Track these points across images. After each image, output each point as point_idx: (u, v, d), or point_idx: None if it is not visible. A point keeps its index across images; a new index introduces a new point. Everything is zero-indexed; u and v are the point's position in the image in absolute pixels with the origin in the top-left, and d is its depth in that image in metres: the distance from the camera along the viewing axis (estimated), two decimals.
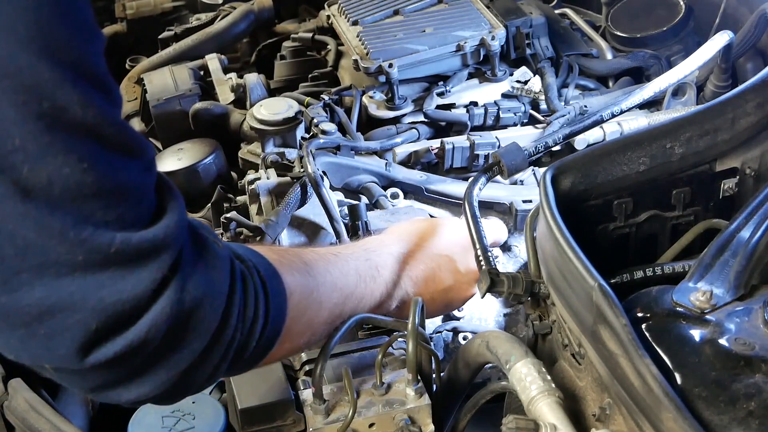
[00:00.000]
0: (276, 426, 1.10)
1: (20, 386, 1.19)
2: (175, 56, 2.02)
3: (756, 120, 1.15)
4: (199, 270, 0.82)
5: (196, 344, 0.82)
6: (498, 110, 1.68)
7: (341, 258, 1.12)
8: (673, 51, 1.82)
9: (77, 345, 0.75)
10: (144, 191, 0.78)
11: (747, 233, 0.98)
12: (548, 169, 1.06)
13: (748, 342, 0.86)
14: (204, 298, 0.82)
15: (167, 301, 0.78)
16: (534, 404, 0.95)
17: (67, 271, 0.72)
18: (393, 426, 1.08)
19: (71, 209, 0.71)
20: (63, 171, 0.70)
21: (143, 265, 0.76)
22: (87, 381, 0.80)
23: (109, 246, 0.73)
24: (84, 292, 0.73)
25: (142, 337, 0.77)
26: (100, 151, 0.73)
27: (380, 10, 1.81)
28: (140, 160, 0.77)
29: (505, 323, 1.46)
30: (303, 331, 1.02)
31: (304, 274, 1.03)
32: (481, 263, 1.09)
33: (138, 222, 0.76)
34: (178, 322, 0.79)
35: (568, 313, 0.95)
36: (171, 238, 0.78)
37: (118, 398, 0.83)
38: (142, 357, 0.79)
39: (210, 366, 0.86)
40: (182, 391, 0.87)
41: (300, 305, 0.99)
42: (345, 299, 1.09)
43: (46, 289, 0.72)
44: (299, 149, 1.59)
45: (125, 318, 0.76)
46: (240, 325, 0.87)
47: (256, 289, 0.90)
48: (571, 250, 0.92)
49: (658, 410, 0.78)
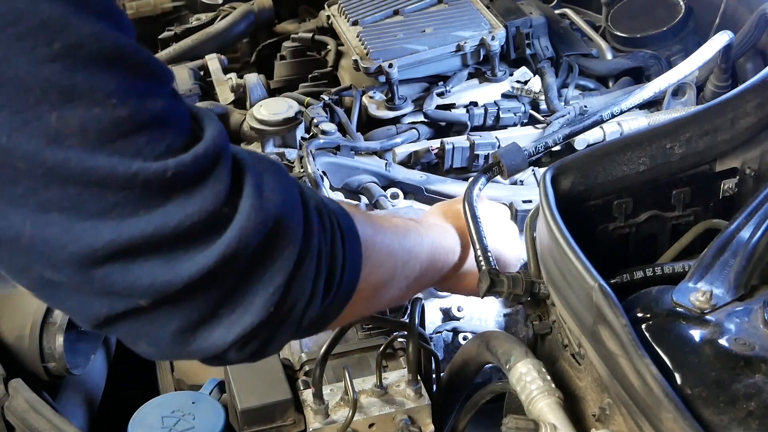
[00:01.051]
0: (276, 426, 1.10)
1: (21, 386, 1.19)
2: (175, 56, 2.02)
3: (756, 120, 1.15)
4: (268, 175, 0.78)
5: (288, 251, 0.78)
6: (498, 110, 1.68)
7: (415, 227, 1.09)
8: (673, 51, 1.82)
9: (168, 269, 0.70)
10: (182, 115, 0.73)
11: (747, 233, 0.98)
12: (548, 169, 1.06)
13: (748, 342, 0.86)
14: (284, 201, 0.78)
15: (248, 206, 0.74)
16: (534, 404, 0.95)
17: (130, 210, 0.68)
18: (393, 426, 1.08)
19: (113, 150, 0.67)
20: (93, 112, 0.66)
21: (206, 180, 0.72)
22: (185, 311, 0.74)
23: (164, 172, 0.69)
24: (155, 226, 0.69)
25: (234, 246, 0.72)
26: (127, 82, 0.68)
27: (380, 10, 1.81)
28: (168, 85, 0.73)
29: (505, 323, 1.46)
30: (382, 265, 0.97)
31: (373, 224, 0.99)
32: (481, 263, 1.09)
33: (187, 146, 0.72)
34: (265, 227, 0.75)
35: (568, 313, 0.95)
36: (221, 146, 0.74)
37: (222, 339, 0.76)
38: (237, 271, 0.74)
39: (307, 282, 0.80)
40: (284, 323, 0.80)
41: (373, 247, 0.95)
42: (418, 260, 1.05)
43: (113, 231, 0.68)
44: (299, 149, 1.59)
45: (208, 234, 0.72)
46: (322, 235, 0.82)
47: (329, 210, 0.86)
48: (571, 251, 0.92)
49: (658, 410, 0.78)
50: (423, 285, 1.13)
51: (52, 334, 1.24)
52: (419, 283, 1.09)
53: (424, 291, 1.43)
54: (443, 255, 1.12)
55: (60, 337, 1.24)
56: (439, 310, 1.44)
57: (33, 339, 1.24)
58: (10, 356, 1.25)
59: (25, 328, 1.25)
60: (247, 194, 0.75)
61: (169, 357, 0.77)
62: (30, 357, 1.25)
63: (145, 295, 0.72)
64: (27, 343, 1.24)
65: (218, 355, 0.78)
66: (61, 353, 1.24)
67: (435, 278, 1.13)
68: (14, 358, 1.25)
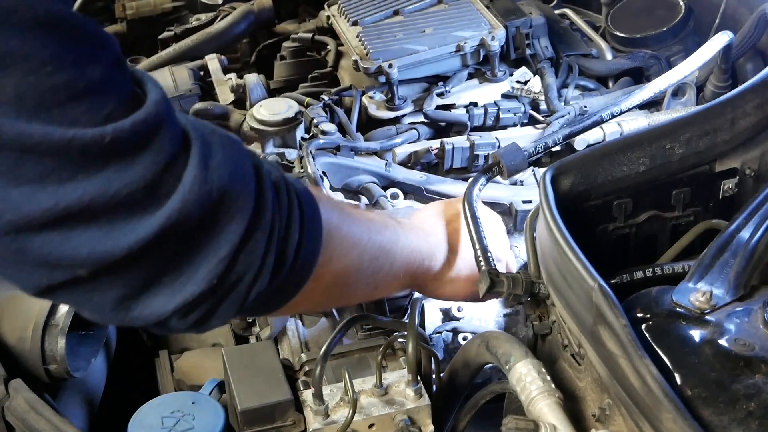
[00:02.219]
0: (276, 426, 1.10)
1: (21, 387, 1.19)
2: (175, 56, 2.02)
3: (756, 120, 1.15)
4: (216, 147, 0.77)
5: (234, 225, 0.77)
6: (498, 111, 1.68)
7: (391, 224, 1.08)
8: (673, 51, 1.82)
9: (107, 239, 0.70)
10: (122, 83, 0.73)
11: (747, 234, 0.98)
12: (548, 169, 1.06)
13: (748, 342, 0.86)
14: (231, 174, 0.77)
15: (191, 176, 0.73)
16: (534, 405, 0.95)
17: (67, 175, 0.68)
18: (393, 426, 1.08)
19: (50, 118, 0.67)
20: (28, 79, 0.65)
21: (146, 147, 0.71)
22: (125, 279, 0.74)
23: (102, 138, 0.68)
24: (93, 192, 0.69)
25: (175, 216, 0.72)
26: (63, 49, 0.67)
27: (380, 10, 1.81)
28: (109, 52, 0.72)
29: (505, 324, 1.46)
30: (346, 254, 0.96)
31: (341, 211, 0.98)
32: (480, 263, 1.09)
33: (129, 110, 0.71)
34: (209, 199, 0.75)
35: (568, 313, 0.95)
36: (163, 113, 0.73)
37: (163, 307, 0.76)
38: (179, 241, 0.74)
39: (255, 256, 0.79)
40: (228, 295, 0.80)
41: (337, 234, 0.94)
42: (382, 253, 1.04)
43: (51, 197, 0.68)
44: (299, 150, 1.59)
45: (149, 204, 0.72)
46: (276, 211, 0.82)
47: (291, 188, 0.85)
48: (570, 251, 0.92)
49: (658, 411, 0.78)
50: (397, 286, 1.12)
51: (54, 337, 1.24)
52: (391, 283, 1.08)
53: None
54: (419, 259, 1.11)
55: (62, 340, 1.24)
56: (439, 311, 1.44)
57: (35, 341, 1.24)
58: (11, 357, 1.25)
59: (26, 330, 1.25)
60: (192, 164, 0.74)
61: (113, 323, 0.79)
62: (31, 359, 1.25)
63: (84, 264, 0.72)
64: (28, 345, 1.24)
65: (160, 322, 0.78)
66: (63, 355, 1.24)
67: (409, 281, 1.12)
68: (15, 360, 1.25)
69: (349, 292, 1.03)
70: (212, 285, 0.77)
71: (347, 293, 1.04)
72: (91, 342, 1.34)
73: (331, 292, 0.99)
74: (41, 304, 1.25)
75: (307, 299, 0.93)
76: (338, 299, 1.06)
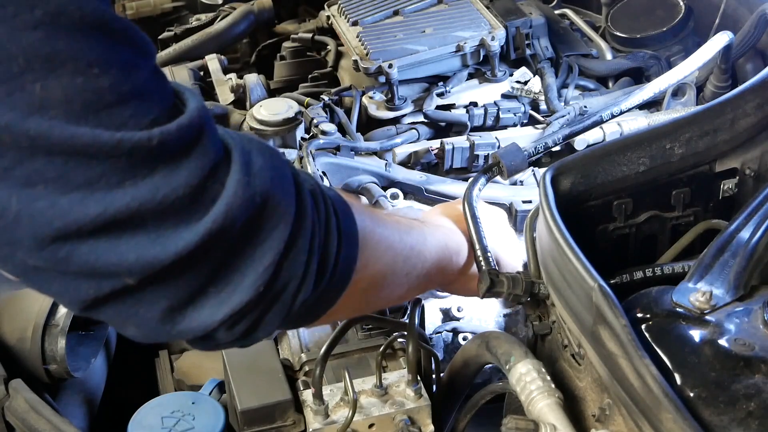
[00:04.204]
0: (276, 427, 1.10)
1: (21, 387, 1.19)
2: (175, 57, 2.02)
3: (756, 120, 1.15)
4: (256, 153, 0.77)
5: (278, 232, 0.77)
6: (498, 111, 1.68)
7: (418, 226, 1.09)
8: (672, 51, 1.82)
9: (154, 245, 0.70)
10: (164, 88, 0.73)
11: (747, 234, 0.98)
12: (548, 169, 1.06)
13: (748, 342, 0.86)
14: (273, 179, 0.77)
15: (235, 181, 0.73)
16: (534, 404, 0.95)
17: (116, 180, 0.68)
18: (393, 426, 1.08)
19: (98, 121, 0.66)
20: (76, 81, 0.65)
21: (191, 152, 0.71)
22: (172, 289, 0.73)
23: (149, 141, 0.68)
24: (141, 198, 0.68)
25: (220, 222, 0.72)
26: (109, 51, 0.67)
27: (380, 10, 1.81)
28: (150, 58, 0.72)
29: (505, 324, 1.46)
30: (381, 257, 0.96)
31: (372, 215, 0.98)
32: (480, 263, 1.09)
33: (170, 118, 0.71)
34: (252, 204, 0.74)
35: (568, 313, 0.95)
36: (205, 118, 0.74)
37: (211, 318, 0.75)
38: (225, 248, 0.74)
39: (299, 263, 0.79)
40: (274, 304, 0.79)
41: (371, 237, 0.94)
42: (419, 256, 1.04)
43: (99, 204, 0.67)
44: (299, 150, 1.59)
45: (195, 209, 0.71)
46: (315, 217, 0.82)
47: (326, 195, 0.85)
48: (570, 251, 0.92)
49: (658, 411, 0.78)
50: (428, 285, 1.12)
51: (54, 337, 1.24)
52: (424, 283, 1.08)
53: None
54: (448, 256, 1.11)
55: (62, 340, 1.24)
56: (439, 311, 1.44)
57: (35, 341, 1.24)
58: (11, 357, 1.25)
59: (27, 330, 1.25)
60: (234, 170, 0.74)
61: (158, 338, 0.77)
62: (31, 359, 1.25)
63: (131, 272, 0.71)
64: (29, 345, 1.24)
65: (207, 335, 0.77)
66: (63, 356, 1.24)
67: (442, 279, 1.12)
68: (15, 360, 1.25)
69: (384, 295, 1.03)
70: (259, 293, 0.77)
71: (383, 296, 1.04)
72: (91, 342, 1.34)
73: (368, 296, 0.99)
74: (41, 304, 1.25)
75: (346, 305, 0.92)
76: (375, 303, 1.06)
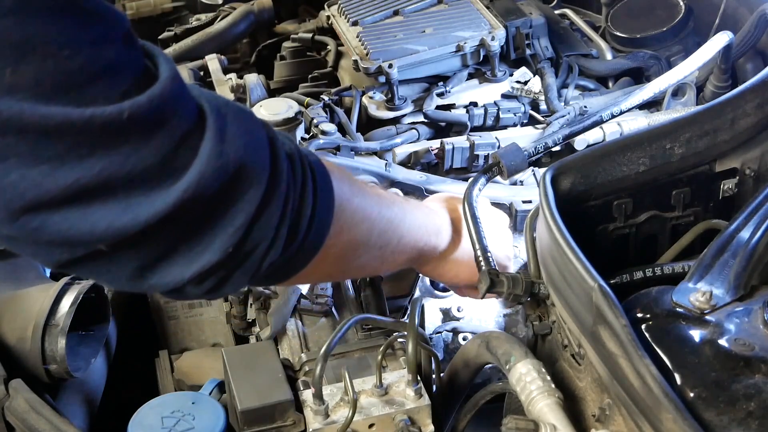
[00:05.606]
0: (276, 426, 1.10)
1: (21, 387, 1.19)
2: (175, 57, 2.02)
3: (756, 120, 1.15)
4: (231, 118, 0.78)
5: (251, 195, 0.78)
6: (498, 111, 1.68)
7: (402, 203, 1.10)
8: (672, 51, 1.82)
9: (125, 213, 0.72)
10: (135, 60, 0.74)
11: (747, 234, 0.98)
12: (548, 169, 1.06)
13: (748, 342, 0.86)
14: (247, 145, 0.78)
15: (208, 149, 0.74)
16: (534, 404, 0.95)
17: (87, 152, 0.69)
18: (393, 426, 1.08)
19: (68, 100, 0.68)
20: (47, 64, 0.66)
21: (163, 120, 0.73)
22: (143, 251, 0.75)
23: (120, 114, 0.69)
24: (111, 168, 0.70)
25: (192, 190, 0.73)
26: (79, 31, 0.68)
27: (380, 10, 1.81)
28: (119, 28, 0.73)
29: (505, 324, 1.46)
30: (355, 226, 0.98)
31: (352, 184, 0.99)
32: (480, 263, 1.09)
33: (142, 88, 0.72)
34: (225, 172, 0.76)
35: (568, 313, 0.95)
36: (178, 88, 0.75)
37: (180, 275, 0.78)
38: (196, 213, 0.75)
39: (269, 226, 0.81)
40: (242, 264, 0.81)
41: (348, 206, 0.95)
42: (395, 225, 1.06)
43: (70, 173, 0.69)
44: None
45: (166, 177, 0.73)
46: (291, 182, 0.83)
47: (305, 160, 0.86)
48: (570, 251, 0.92)
49: (658, 411, 0.78)
50: (403, 260, 1.13)
51: (54, 337, 1.24)
52: (398, 258, 1.09)
53: (422, 289, 1.43)
54: (425, 234, 1.12)
55: (62, 340, 1.24)
56: (439, 311, 1.44)
57: (35, 341, 1.24)
58: (11, 357, 1.25)
59: (27, 330, 1.25)
60: (208, 137, 0.75)
61: (129, 290, 0.81)
62: (31, 359, 1.25)
63: (103, 239, 0.73)
64: (29, 345, 1.24)
65: (176, 289, 0.80)
66: (63, 356, 1.24)
67: (419, 257, 1.13)
68: (15, 360, 1.25)
69: (357, 264, 1.04)
70: (228, 254, 0.79)
71: (355, 265, 1.05)
72: (91, 342, 1.34)
73: (339, 263, 1.00)
74: (41, 305, 1.25)
75: (316, 270, 0.94)
76: (346, 271, 1.07)
